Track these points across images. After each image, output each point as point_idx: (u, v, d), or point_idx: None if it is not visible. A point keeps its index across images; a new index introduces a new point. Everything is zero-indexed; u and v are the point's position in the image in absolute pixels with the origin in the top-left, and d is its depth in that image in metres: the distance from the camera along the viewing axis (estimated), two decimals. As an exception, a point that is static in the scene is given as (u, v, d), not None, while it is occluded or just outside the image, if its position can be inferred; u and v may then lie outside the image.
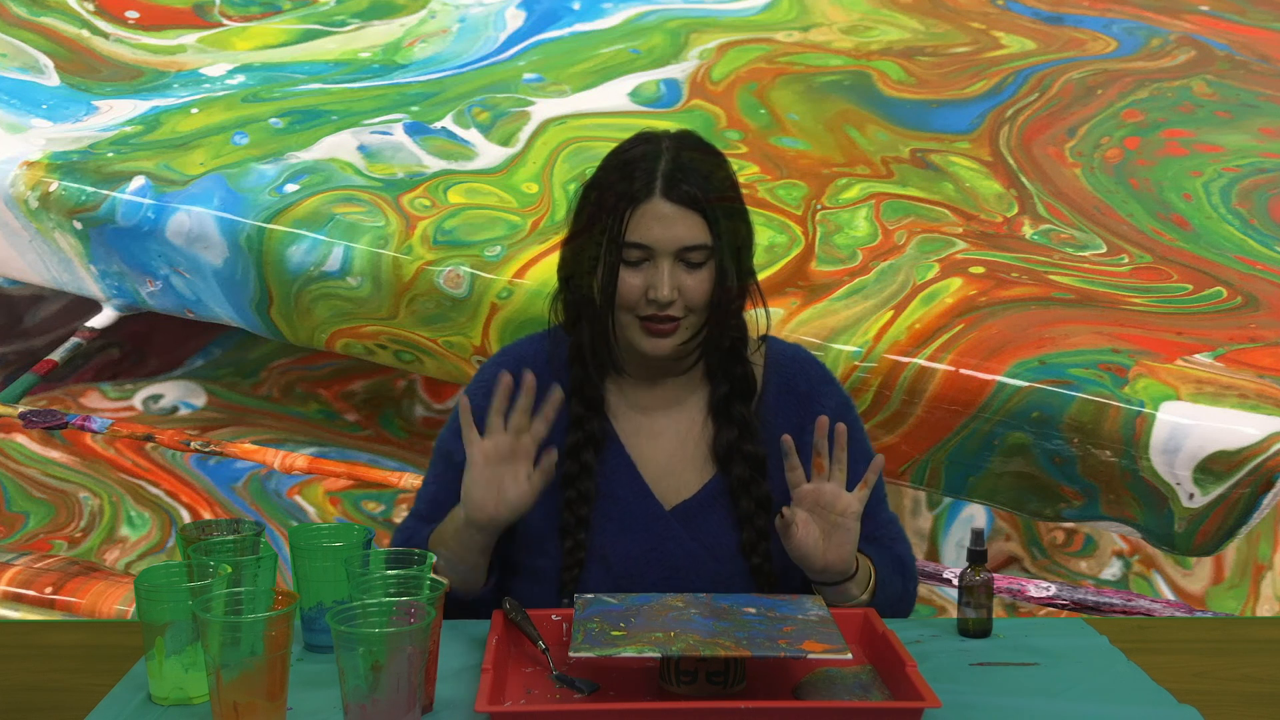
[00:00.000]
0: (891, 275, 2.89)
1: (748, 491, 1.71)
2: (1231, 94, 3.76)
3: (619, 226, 1.66)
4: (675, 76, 3.55)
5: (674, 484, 1.73)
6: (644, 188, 1.66)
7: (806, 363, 1.81)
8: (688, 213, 1.66)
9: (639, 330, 1.68)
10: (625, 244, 1.66)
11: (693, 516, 1.72)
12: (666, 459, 1.74)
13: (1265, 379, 2.61)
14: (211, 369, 3.82)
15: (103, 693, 1.47)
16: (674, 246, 1.66)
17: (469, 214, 3.03)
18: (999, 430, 2.61)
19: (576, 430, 1.72)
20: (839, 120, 3.47)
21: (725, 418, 1.74)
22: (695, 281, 1.67)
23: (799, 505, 1.61)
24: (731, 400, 1.74)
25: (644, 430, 1.75)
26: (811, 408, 1.75)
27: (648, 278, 1.66)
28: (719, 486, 1.73)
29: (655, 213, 1.66)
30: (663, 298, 1.65)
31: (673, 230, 1.65)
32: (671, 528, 1.71)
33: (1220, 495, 2.50)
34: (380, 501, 3.29)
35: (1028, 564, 3.30)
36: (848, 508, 1.61)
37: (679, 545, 1.70)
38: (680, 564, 1.70)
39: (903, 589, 1.75)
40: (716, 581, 1.69)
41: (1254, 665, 1.61)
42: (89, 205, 3.08)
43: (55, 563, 2.86)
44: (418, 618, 1.33)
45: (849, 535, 1.61)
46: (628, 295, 1.67)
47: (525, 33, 3.72)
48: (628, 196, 1.66)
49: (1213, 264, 3.05)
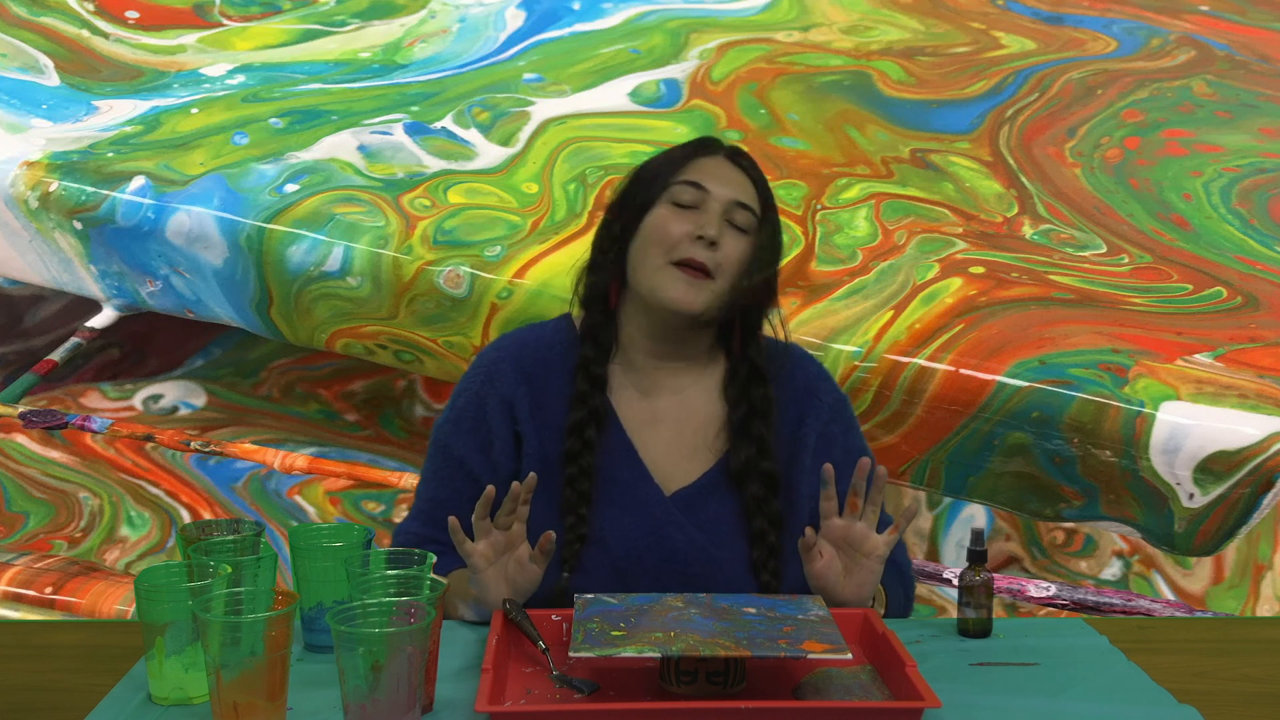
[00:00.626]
0: (891, 275, 2.89)
1: (761, 510, 1.71)
2: (1231, 94, 3.77)
3: (674, 171, 1.71)
4: (675, 76, 3.55)
5: (673, 471, 1.74)
6: (709, 148, 1.74)
7: (802, 358, 1.82)
8: (743, 176, 1.73)
9: (669, 274, 1.69)
10: (681, 182, 1.70)
11: (692, 503, 1.72)
12: (666, 446, 1.75)
13: (1265, 379, 2.61)
14: (211, 369, 3.82)
15: (103, 693, 1.47)
16: (728, 198, 1.70)
17: (469, 214, 3.03)
18: (999, 430, 2.61)
19: (580, 407, 1.72)
20: (839, 120, 3.47)
21: (743, 434, 1.74)
22: (735, 244, 1.70)
23: (826, 537, 1.61)
24: (751, 418, 1.74)
25: (645, 415, 1.76)
26: (809, 404, 1.77)
27: (695, 221, 1.69)
28: (719, 476, 1.74)
29: (716, 165, 1.73)
30: (710, 234, 1.67)
31: (730, 184, 1.71)
32: (671, 513, 1.71)
33: (1220, 495, 2.50)
34: (380, 501, 3.29)
35: (1028, 564, 3.30)
36: (874, 549, 1.61)
37: (679, 531, 1.70)
38: (679, 548, 1.70)
39: (904, 597, 1.77)
40: (714, 568, 1.70)
41: (1254, 665, 1.61)
42: (89, 205, 3.08)
43: (55, 563, 2.86)
44: (418, 618, 1.33)
45: (871, 575, 1.62)
46: (669, 234, 1.68)
47: (525, 33, 3.72)
48: (691, 148, 1.74)
49: (1213, 264, 3.05)
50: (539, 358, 1.76)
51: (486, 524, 1.58)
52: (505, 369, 1.75)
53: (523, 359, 1.76)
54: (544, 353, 1.76)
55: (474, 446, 1.74)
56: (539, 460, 1.72)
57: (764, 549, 1.70)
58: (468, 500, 1.73)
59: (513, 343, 1.79)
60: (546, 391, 1.75)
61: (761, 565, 1.70)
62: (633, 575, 1.68)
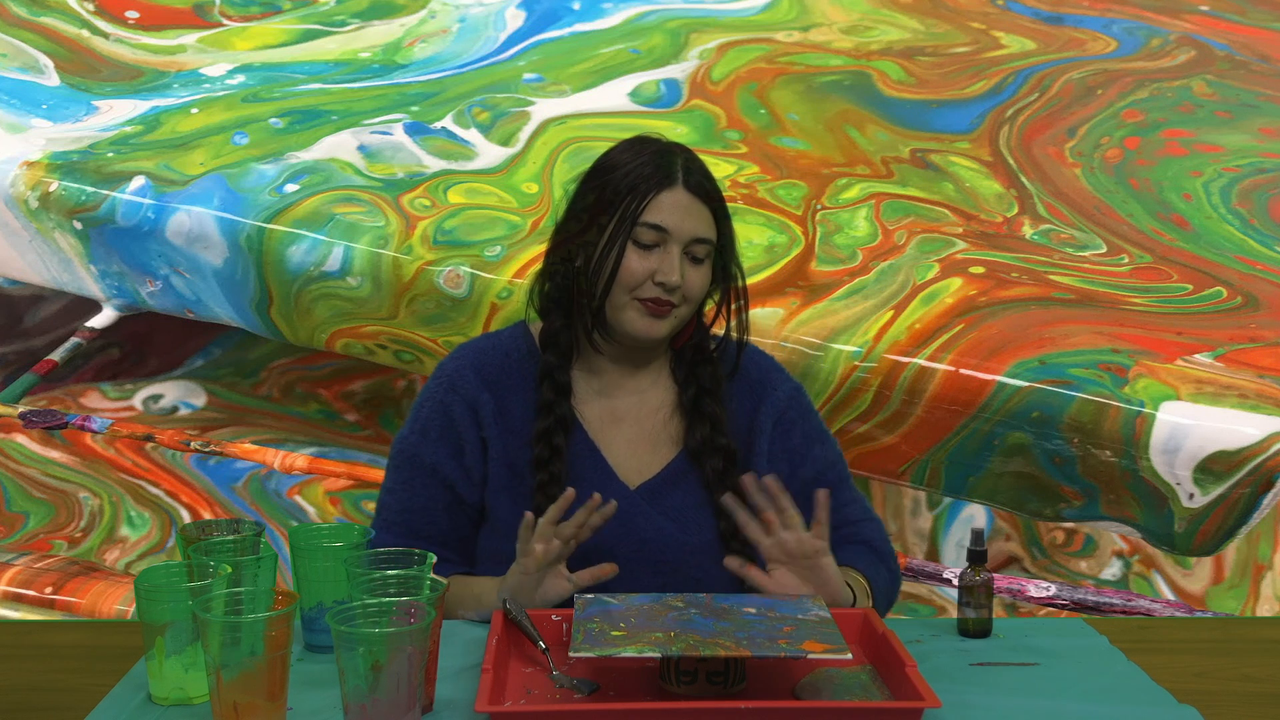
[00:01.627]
0: (891, 275, 2.89)
1: (723, 483, 1.73)
2: (1231, 94, 3.76)
3: (639, 205, 1.70)
4: (675, 76, 3.55)
5: (637, 465, 1.76)
6: (667, 175, 1.72)
7: (754, 352, 1.85)
8: (701, 206, 1.73)
9: (635, 310, 1.72)
10: (643, 224, 1.70)
11: (657, 493, 1.75)
12: (628, 443, 1.77)
13: (1265, 379, 2.61)
14: (211, 369, 3.82)
15: (103, 693, 1.47)
16: (688, 236, 1.71)
17: (469, 214, 3.03)
18: (999, 430, 2.61)
19: (546, 415, 1.74)
20: (839, 120, 3.47)
21: (696, 413, 1.77)
22: (696, 275, 1.73)
23: (772, 559, 1.64)
24: (701, 397, 1.77)
25: (607, 415, 1.78)
26: (764, 394, 1.81)
27: (656, 261, 1.70)
28: (682, 465, 1.76)
29: (676, 200, 1.71)
30: (671, 282, 1.69)
31: (689, 221, 1.71)
32: (637, 504, 1.73)
33: (1220, 495, 2.50)
34: (380, 501, 3.29)
35: (1028, 564, 3.30)
36: (814, 549, 1.63)
37: (646, 520, 1.73)
38: (648, 537, 1.72)
39: (889, 574, 1.78)
40: (685, 552, 1.72)
41: (1254, 665, 1.61)
42: (89, 205, 3.08)
43: (55, 563, 2.86)
44: (418, 618, 1.33)
45: (827, 572, 1.64)
46: (634, 275, 1.70)
47: (525, 33, 3.72)
48: (652, 180, 1.71)
49: (1213, 264, 3.05)
50: (499, 365, 1.78)
51: (553, 529, 1.60)
52: (467, 376, 1.77)
53: (483, 366, 1.78)
54: (503, 360, 1.78)
55: (445, 454, 1.75)
56: (505, 465, 1.74)
57: (731, 522, 1.71)
58: (444, 506, 1.75)
59: (471, 351, 1.81)
60: (509, 397, 1.76)
61: (731, 535, 1.71)
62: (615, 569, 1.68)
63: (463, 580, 1.72)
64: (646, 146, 1.75)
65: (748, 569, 1.64)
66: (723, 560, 1.67)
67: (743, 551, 1.70)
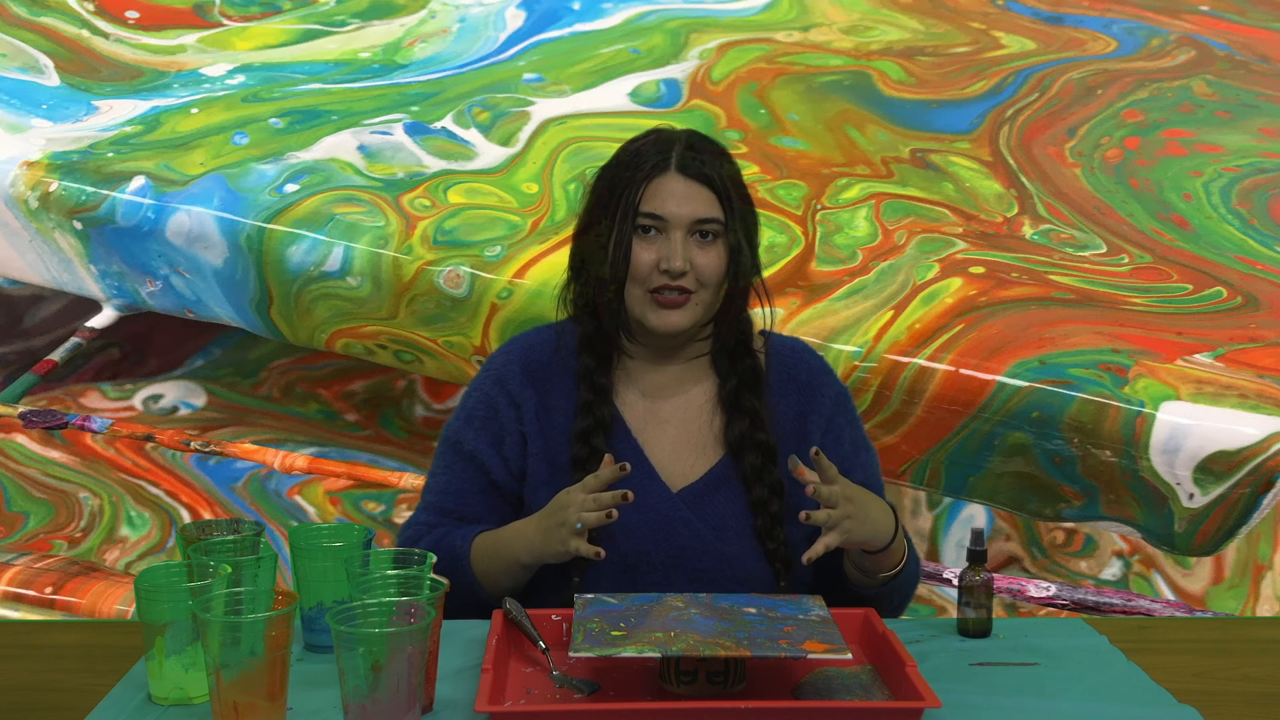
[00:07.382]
0: (891, 275, 2.89)
1: (760, 478, 1.73)
2: (1231, 94, 3.76)
3: (634, 197, 1.71)
4: (675, 76, 3.55)
5: (680, 468, 1.76)
6: (659, 163, 1.72)
7: (805, 353, 1.85)
8: (701, 188, 1.72)
9: (649, 304, 1.72)
10: (640, 214, 1.70)
11: (699, 499, 1.74)
12: (672, 444, 1.77)
13: (1265, 379, 2.61)
14: (211, 369, 3.82)
15: (103, 693, 1.47)
16: (687, 219, 1.71)
17: (469, 214, 3.03)
18: (999, 430, 2.61)
19: (585, 416, 1.74)
20: (839, 120, 3.47)
21: (735, 408, 1.76)
22: (708, 257, 1.72)
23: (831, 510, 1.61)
24: (740, 391, 1.77)
25: (650, 417, 1.78)
26: (813, 396, 1.80)
27: (660, 249, 1.70)
28: (725, 470, 1.75)
29: (669, 186, 1.71)
30: (674, 267, 1.69)
31: (686, 204, 1.71)
32: (678, 509, 1.72)
33: (1220, 495, 2.50)
34: (380, 501, 3.29)
35: (1028, 564, 3.30)
36: (843, 495, 1.61)
37: (686, 526, 1.72)
38: (687, 544, 1.71)
39: (914, 557, 1.78)
40: (723, 562, 1.71)
41: (1254, 665, 1.61)
42: (89, 205, 3.08)
43: (55, 563, 2.86)
44: (418, 618, 1.33)
45: (863, 504, 1.62)
46: (639, 267, 1.71)
47: (525, 33, 3.72)
48: (643, 171, 1.71)
49: (1213, 264, 3.05)
50: (546, 361, 1.79)
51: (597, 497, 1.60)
52: (514, 371, 1.78)
53: (529, 363, 1.79)
54: (549, 356, 1.79)
55: (485, 442, 1.76)
56: (545, 462, 1.75)
57: (767, 518, 1.72)
58: (480, 490, 1.76)
59: (520, 346, 1.82)
60: (552, 395, 1.77)
61: (766, 533, 1.71)
62: (641, 573, 1.69)
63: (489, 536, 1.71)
64: (647, 136, 1.76)
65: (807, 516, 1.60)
66: (758, 573, 1.69)
67: (777, 550, 1.71)
